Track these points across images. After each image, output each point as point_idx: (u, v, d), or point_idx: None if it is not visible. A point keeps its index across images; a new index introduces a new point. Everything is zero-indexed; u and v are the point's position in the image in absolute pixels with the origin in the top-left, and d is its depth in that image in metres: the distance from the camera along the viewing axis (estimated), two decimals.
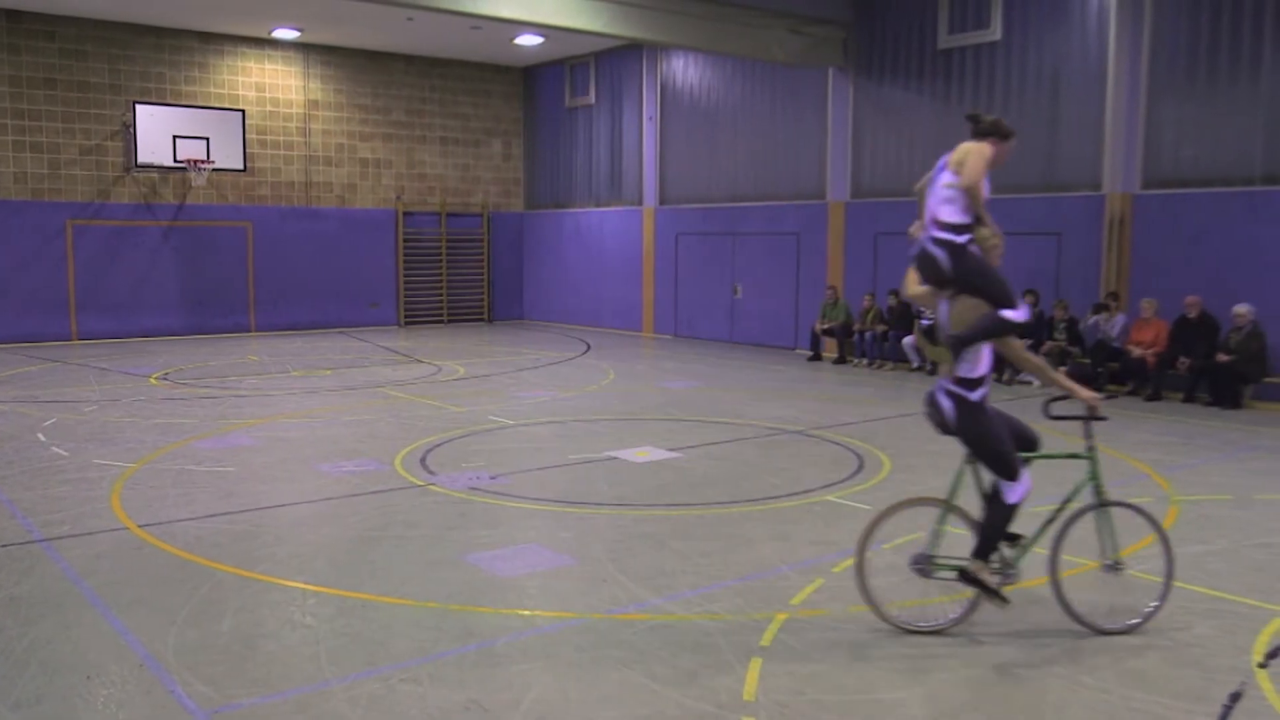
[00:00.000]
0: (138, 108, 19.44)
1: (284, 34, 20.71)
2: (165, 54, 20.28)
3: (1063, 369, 13.22)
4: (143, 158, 19.51)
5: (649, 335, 21.69)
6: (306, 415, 11.84)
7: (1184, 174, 13.78)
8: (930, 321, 5.47)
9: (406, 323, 23.58)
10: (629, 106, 22.12)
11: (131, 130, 19.55)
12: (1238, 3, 13.12)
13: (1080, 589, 5.64)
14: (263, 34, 20.82)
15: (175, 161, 19.76)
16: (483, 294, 24.79)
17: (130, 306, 20.32)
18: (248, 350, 18.59)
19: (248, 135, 20.90)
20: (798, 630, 5.37)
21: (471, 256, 24.57)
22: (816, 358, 17.47)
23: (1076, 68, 14.69)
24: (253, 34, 20.86)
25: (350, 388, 13.97)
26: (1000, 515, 5.20)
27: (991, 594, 5.25)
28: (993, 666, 4.98)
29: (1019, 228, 13.87)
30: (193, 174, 19.96)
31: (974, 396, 5.12)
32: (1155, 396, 13.20)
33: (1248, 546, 6.93)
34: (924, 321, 5.58)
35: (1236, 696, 3.74)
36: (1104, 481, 5.43)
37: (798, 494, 8.29)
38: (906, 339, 15.85)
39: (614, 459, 9.57)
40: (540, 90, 24.54)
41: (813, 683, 4.74)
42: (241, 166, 20.68)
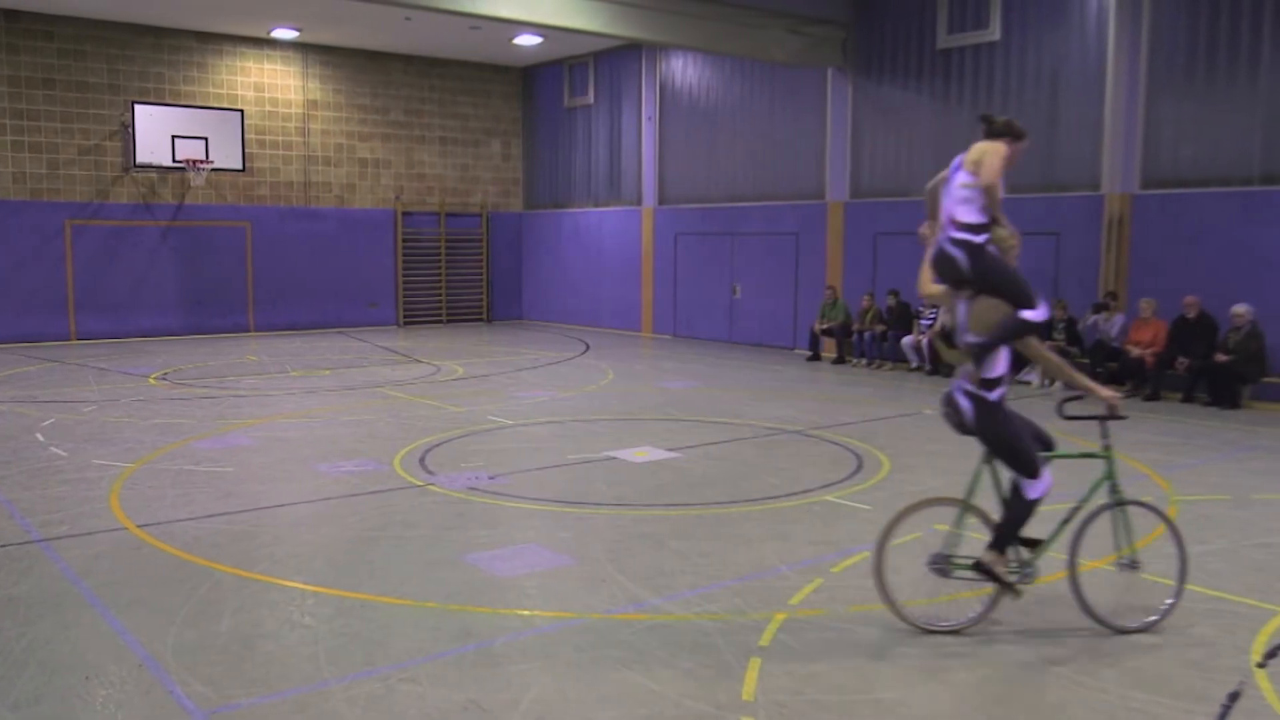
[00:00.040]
0: (136, 108, 19.45)
1: (283, 34, 20.71)
2: (164, 54, 20.28)
3: None
4: (141, 158, 19.51)
5: (648, 335, 21.69)
6: (305, 415, 11.83)
7: (1183, 174, 13.79)
8: (930, 322, 5.49)
9: (405, 323, 23.58)
10: (628, 106, 22.12)
11: (130, 130, 19.54)
12: (1236, 2, 13.12)
13: (1098, 588, 5.65)
14: (261, 34, 20.82)
15: (174, 161, 19.76)
16: (482, 294, 24.79)
17: (129, 306, 20.31)
18: (246, 350, 18.58)
19: (246, 135, 20.90)
20: (796, 630, 5.37)
21: (470, 256, 24.56)
22: (815, 358, 17.48)
23: (1075, 68, 14.70)
24: (251, 34, 20.85)
25: (349, 388, 13.97)
26: (1020, 510, 5.22)
27: (1005, 586, 5.26)
28: (991, 666, 4.98)
29: (1018, 228, 13.83)
30: (191, 174, 19.96)
31: (992, 396, 5.13)
32: (1154, 396, 13.21)
33: (1246, 546, 6.94)
34: (924, 322, 5.61)
35: (1235, 696, 3.75)
36: (1120, 480, 5.45)
37: (796, 494, 8.29)
38: (905, 339, 15.83)
39: (613, 459, 9.57)
40: (539, 90, 24.54)
41: (811, 683, 4.74)
42: (240, 166, 20.68)
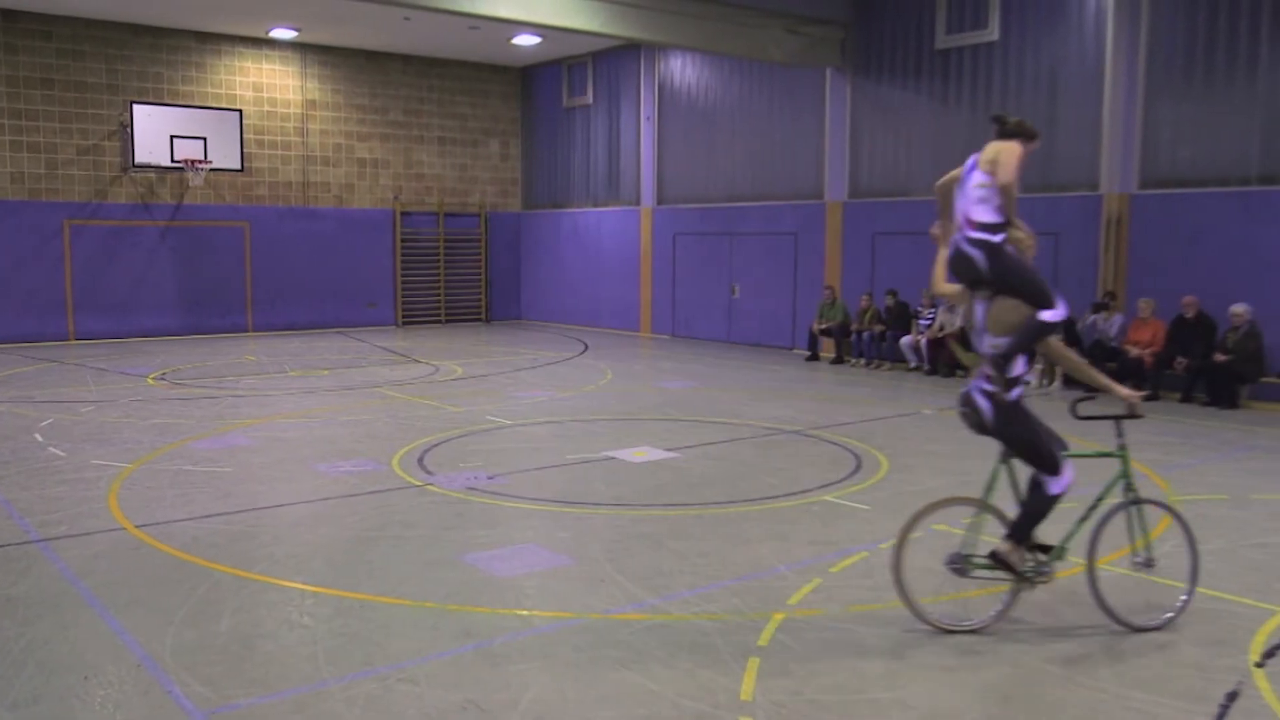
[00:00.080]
0: (135, 108, 19.44)
1: (281, 34, 20.70)
2: (162, 54, 20.27)
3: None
4: (140, 158, 19.50)
5: (646, 335, 21.69)
6: (304, 415, 11.83)
7: (1181, 174, 13.80)
8: (929, 322, 5.51)
9: (404, 323, 23.57)
10: (626, 106, 22.12)
11: (129, 130, 19.54)
12: (1234, 3, 13.13)
13: (1113, 586, 5.66)
14: (260, 34, 20.81)
15: (173, 161, 19.76)
16: (480, 294, 24.79)
17: (128, 306, 20.30)
18: (245, 350, 18.57)
19: (245, 135, 20.90)
20: (795, 630, 5.37)
21: (469, 256, 24.56)
22: (814, 358, 17.48)
23: (1074, 68, 14.70)
24: (250, 34, 20.84)
25: (348, 388, 13.96)
26: (1040, 505, 5.22)
27: (1019, 576, 5.27)
28: (991, 666, 4.98)
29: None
30: (190, 174, 19.95)
31: (1011, 396, 5.13)
32: (1153, 396, 13.20)
33: (1245, 546, 6.94)
34: (922, 322, 5.63)
35: (1233, 696, 3.75)
36: (1135, 479, 5.48)
37: (795, 494, 8.29)
38: (904, 339, 15.83)
39: (611, 459, 9.57)
40: (538, 90, 24.53)
41: (810, 682, 4.74)
42: (239, 166, 20.67)
